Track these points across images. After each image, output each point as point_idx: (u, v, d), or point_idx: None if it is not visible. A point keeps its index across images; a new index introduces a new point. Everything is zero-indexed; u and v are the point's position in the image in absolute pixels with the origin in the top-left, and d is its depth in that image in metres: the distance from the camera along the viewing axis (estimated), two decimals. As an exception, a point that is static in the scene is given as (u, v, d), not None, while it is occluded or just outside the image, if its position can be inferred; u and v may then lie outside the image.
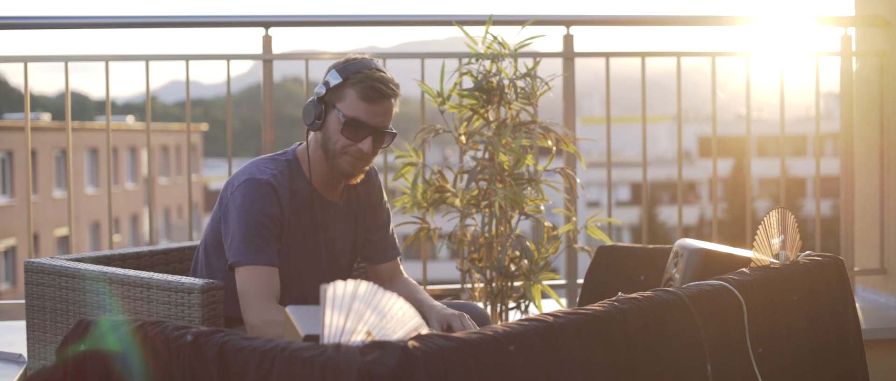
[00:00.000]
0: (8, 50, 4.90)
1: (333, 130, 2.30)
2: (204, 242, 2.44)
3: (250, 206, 2.26)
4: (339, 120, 2.29)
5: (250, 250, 2.24)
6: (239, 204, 2.27)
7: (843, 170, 3.89)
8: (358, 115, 2.29)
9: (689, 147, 40.44)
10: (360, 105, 2.28)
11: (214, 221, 2.38)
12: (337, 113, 2.29)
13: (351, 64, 2.31)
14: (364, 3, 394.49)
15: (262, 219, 2.26)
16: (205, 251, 2.43)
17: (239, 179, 2.31)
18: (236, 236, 2.25)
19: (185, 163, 15.44)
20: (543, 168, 3.00)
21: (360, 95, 2.28)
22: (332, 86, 2.30)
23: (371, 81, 2.28)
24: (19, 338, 3.00)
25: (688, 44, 33.60)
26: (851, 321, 2.45)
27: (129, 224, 30.98)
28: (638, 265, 2.87)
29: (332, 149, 2.32)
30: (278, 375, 1.46)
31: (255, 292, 2.21)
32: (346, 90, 2.29)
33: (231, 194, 2.30)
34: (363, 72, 2.29)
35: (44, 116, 27.98)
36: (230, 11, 74.87)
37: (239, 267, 2.24)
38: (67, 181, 3.39)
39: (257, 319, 2.19)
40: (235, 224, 2.26)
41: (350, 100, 2.29)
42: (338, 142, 2.31)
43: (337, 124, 2.30)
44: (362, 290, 1.48)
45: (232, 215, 2.28)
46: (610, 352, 1.77)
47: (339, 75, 2.29)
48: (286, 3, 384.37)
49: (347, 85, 2.29)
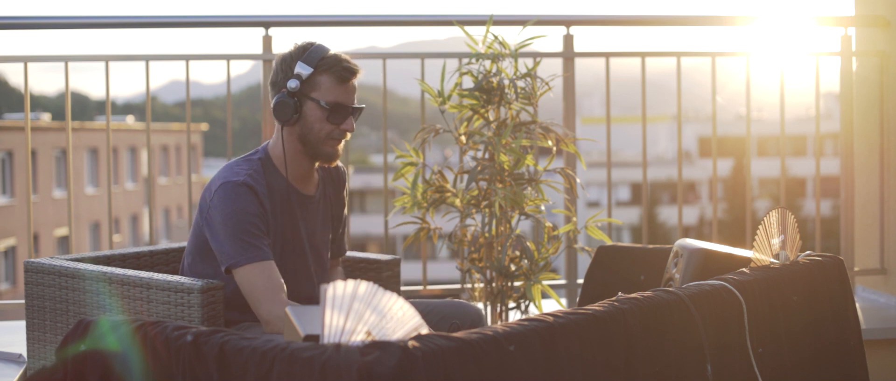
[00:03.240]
0: (8, 50, 4.90)
1: (316, 118, 2.33)
2: (188, 251, 2.44)
3: (232, 208, 2.26)
4: (320, 108, 2.32)
5: (243, 249, 2.24)
6: (220, 208, 2.26)
7: (843, 170, 3.89)
8: (338, 98, 2.34)
9: (689, 147, 40.45)
10: (338, 88, 2.33)
11: (196, 228, 2.38)
12: (316, 102, 2.33)
13: (313, 52, 2.34)
14: (364, 3, 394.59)
15: (247, 217, 2.26)
16: (190, 260, 2.42)
17: (215, 185, 2.31)
18: (225, 240, 2.25)
19: (185, 163, 15.44)
20: (543, 168, 3.00)
21: (336, 79, 2.33)
22: (304, 77, 2.32)
23: (341, 64, 2.34)
24: (19, 338, 3.00)
25: (688, 44, 33.63)
26: (851, 321, 2.45)
27: (129, 224, 30.98)
28: (638, 265, 2.87)
29: (315, 138, 2.35)
30: (278, 375, 1.46)
31: (261, 289, 2.22)
32: (318, 78, 2.33)
33: (210, 201, 2.30)
34: (328, 57, 2.34)
35: (44, 116, 27.99)
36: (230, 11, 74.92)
37: (237, 269, 2.24)
38: (67, 181, 3.39)
39: (269, 313, 2.19)
40: (221, 229, 2.26)
41: (326, 86, 2.33)
42: (322, 129, 2.34)
43: (319, 112, 2.33)
44: (362, 290, 1.48)
45: (216, 220, 2.27)
46: (610, 352, 1.77)
47: (307, 65, 2.32)
48: (286, 3, 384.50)
49: (319, 73, 2.33)
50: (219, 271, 2.34)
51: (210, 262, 2.36)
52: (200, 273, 2.39)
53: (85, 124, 28.53)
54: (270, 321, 2.20)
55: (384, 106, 3.50)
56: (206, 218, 2.31)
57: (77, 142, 25.47)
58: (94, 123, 29.39)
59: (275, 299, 2.21)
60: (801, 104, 21.70)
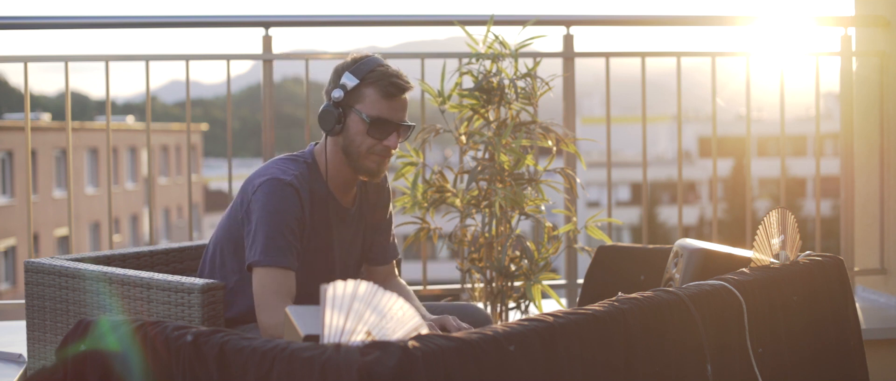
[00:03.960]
0: (8, 50, 4.90)
1: (357, 131, 2.30)
2: (217, 243, 2.40)
3: (275, 206, 2.24)
4: (362, 121, 2.29)
5: (271, 251, 2.21)
6: (263, 204, 2.24)
7: (843, 170, 3.89)
8: (382, 113, 2.29)
9: (689, 147, 40.44)
10: (383, 103, 2.29)
11: (233, 221, 2.34)
12: (359, 114, 2.29)
13: (363, 64, 2.31)
14: (364, 3, 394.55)
15: (286, 219, 2.24)
16: (220, 253, 2.39)
17: (260, 179, 2.28)
18: (259, 236, 2.22)
19: (185, 163, 15.44)
20: (544, 168, 3.01)
21: (382, 94, 2.29)
22: (349, 88, 2.29)
23: (389, 78, 2.29)
24: (19, 338, 3.00)
25: (688, 44, 33.56)
26: (851, 321, 2.45)
27: (129, 224, 30.98)
28: (638, 265, 2.87)
29: (356, 151, 2.31)
30: (278, 375, 1.46)
31: (271, 294, 2.19)
32: (364, 90, 2.29)
33: (253, 195, 2.27)
34: (377, 70, 2.30)
35: (44, 116, 27.98)
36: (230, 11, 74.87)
37: (257, 267, 2.22)
38: (67, 181, 3.39)
39: (270, 320, 2.18)
40: (259, 225, 2.23)
41: (371, 99, 2.29)
42: (363, 143, 2.30)
43: (361, 126, 2.29)
44: (362, 290, 1.49)
45: (255, 215, 2.24)
46: (610, 352, 1.77)
47: (353, 77, 2.29)
48: (286, 3, 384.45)
49: (365, 85, 2.29)
50: (243, 269, 2.32)
51: (239, 258, 2.33)
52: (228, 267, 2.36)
53: (85, 124, 28.53)
54: (267, 327, 2.18)
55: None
56: (246, 210, 2.27)
57: (77, 142, 25.48)
58: (94, 123, 29.38)
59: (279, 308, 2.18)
60: (801, 104, 21.69)
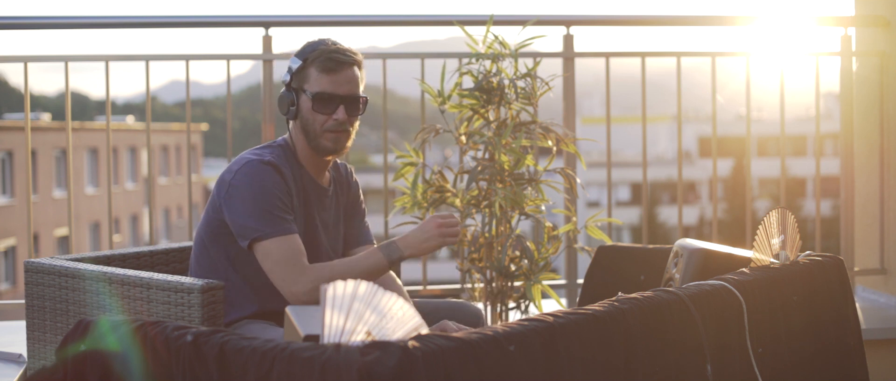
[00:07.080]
0: (8, 50, 4.90)
1: (306, 109, 2.36)
2: (199, 238, 2.41)
3: (259, 183, 2.26)
4: (308, 99, 2.35)
5: (270, 222, 2.23)
6: (246, 184, 2.26)
7: (843, 170, 3.89)
8: (324, 88, 2.34)
9: (689, 147, 40.45)
10: (324, 78, 2.34)
11: (212, 211, 2.35)
12: (306, 94, 2.35)
13: (307, 46, 2.38)
14: (364, 3, 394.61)
15: (273, 193, 2.26)
16: (202, 246, 2.40)
17: (238, 164, 2.30)
18: (249, 214, 2.23)
19: (185, 163, 15.44)
20: (544, 168, 3.01)
21: (321, 69, 2.34)
22: (294, 71, 2.36)
23: (328, 54, 2.34)
24: (19, 338, 3.00)
25: (688, 44, 33.63)
26: (851, 321, 2.45)
27: (129, 224, 30.98)
28: (638, 265, 2.87)
29: (312, 131, 2.36)
30: (278, 375, 1.46)
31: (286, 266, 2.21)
32: (307, 70, 2.36)
33: (232, 180, 2.28)
34: (318, 48, 2.36)
35: (44, 116, 27.98)
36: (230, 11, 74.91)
37: (261, 241, 2.22)
38: (67, 181, 3.39)
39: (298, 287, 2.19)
40: (245, 205, 2.24)
41: (314, 77, 2.35)
42: (314, 120, 2.35)
43: (309, 104, 2.35)
44: (362, 290, 1.49)
45: (238, 196, 2.26)
46: (610, 352, 1.77)
47: (298, 59, 2.36)
48: (286, 3, 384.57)
49: (308, 65, 2.36)
50: (229, 255, 2.33)
51: (221, 245, 2.34)
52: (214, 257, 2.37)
53: (85, 124, 28.53)
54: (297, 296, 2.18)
55: (384, 106, 3.50)
56: (225, 196, 2.28)
57: (77, 142, 25.47)
58: (94, 123, 29.38)
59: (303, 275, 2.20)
60: (801, 104, 21.69)
